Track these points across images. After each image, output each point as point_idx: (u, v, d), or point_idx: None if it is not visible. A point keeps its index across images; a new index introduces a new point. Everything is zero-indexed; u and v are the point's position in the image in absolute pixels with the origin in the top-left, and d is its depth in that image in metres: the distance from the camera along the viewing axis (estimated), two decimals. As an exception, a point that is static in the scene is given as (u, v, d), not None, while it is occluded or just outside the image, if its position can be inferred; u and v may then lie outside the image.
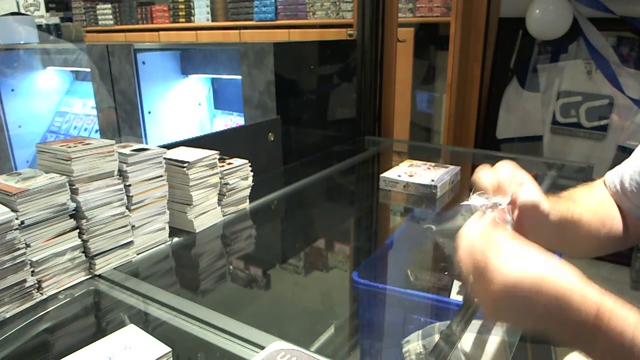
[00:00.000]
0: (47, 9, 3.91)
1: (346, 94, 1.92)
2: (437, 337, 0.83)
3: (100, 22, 4.62)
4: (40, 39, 2.68)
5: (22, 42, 2.62)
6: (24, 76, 2.60)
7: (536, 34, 2.27)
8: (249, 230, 1.20)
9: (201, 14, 3.93)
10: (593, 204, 0.76)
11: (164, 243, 1.02)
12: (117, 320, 0.80)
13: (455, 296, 0.99)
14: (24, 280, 0.78)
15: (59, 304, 0.82)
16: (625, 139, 2.20)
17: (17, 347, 0.72)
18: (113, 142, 0.90)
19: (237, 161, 1.17)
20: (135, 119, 2.05)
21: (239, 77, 1.66)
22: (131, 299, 0.84)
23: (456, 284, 1.02)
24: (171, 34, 4.12)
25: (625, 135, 2.20)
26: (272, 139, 1.52)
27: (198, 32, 3.91)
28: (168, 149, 1.10)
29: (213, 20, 3.88)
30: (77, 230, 0.85)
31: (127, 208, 0.93)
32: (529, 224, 0.65)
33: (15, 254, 0.77)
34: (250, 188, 1.21)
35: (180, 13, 4.04)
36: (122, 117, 2.09)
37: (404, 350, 0.87)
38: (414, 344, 0.86)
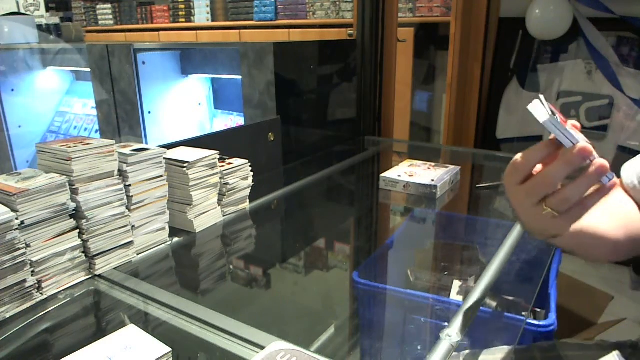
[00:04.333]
0: (47, 9, 3.91)
1: (346, 94, 1.92)
2: None
3: (100, 22, 4.62)
4: (40, 39, 2.68)
5: (22, 42, 2.62)
6: (24, 76, 2.60)
7: (536, 34, 2.27)
8: (249, 230, 1.20)
9: (201, 14, 3.93)
10: (610, 208, 0.68)
11: (164, 243, 1.02)
12: (117, 320, 0.80)
13: (455, 296, 0.99)
14: (24, 280, 0.78)
15: (59, 304, 0.82)
16: (625, 139, 2.19)
17: (17, 347, 0.72)
18: (113, 142, 0.90)
19: (237, 161, 1.17)
20: (135, 119, 2.05)
21: (239, 77, 1.66)
22: (131, 299, 0.84)
23: (456, 284, 1.02)
24: (171, 34, 4.12)
25: (625, 135, 2.19)
26: (272, 139, 1.52)
27: (198, 32, 3.92)
28: (168, 149, 1.10)
29: (213, 20, 3.88)
30: (77, 230, 0.85)
31: (127, 208, 0.93)
32: None
33: (15, 254, 0.77)
34: (250, 188, 1.21)
35: (180, 13, 4.04)
36: (122, 117, 2.09)
37: None
38: None
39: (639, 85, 2.11)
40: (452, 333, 0.68)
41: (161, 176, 0.99)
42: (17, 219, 0.76)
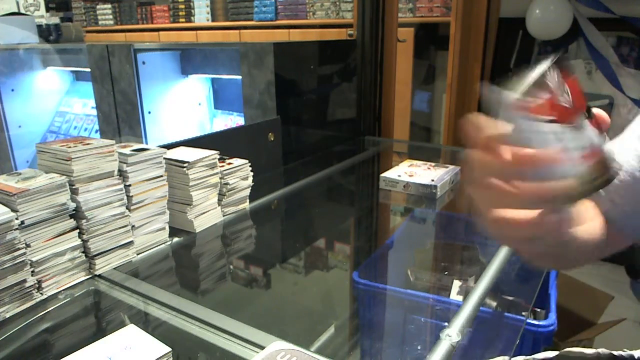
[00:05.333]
0: (47, 9, 3.90)
1: (346, 94, 1.92)
2: None
3: (100, 22, 4.62)
4: (40, 39, 2.68)
5: (22, 42, 2.62)
6: (24, 76, 2.60)
7: (536, 34, 2.27)
8: (249, 230, 1.20)
9: (201, 14, 3.93)
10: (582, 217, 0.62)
11: (164, 243, 1.02)
12: (117, 320, 0.80)
13: (455, 296, 0.99)
14: (24, 280, 0.78)
15: (59, 304, 0.82)
16: (625, 139, 2.20)
17: (17, 347, 0.72)
18: (113, 142, 0.90)
19: (237, 161, 1.17)
20: (135, 119, 2.05)
21: (239, 77, 1.66)
22: (131, 299, 0.84)
23: (456, 284, 1.02)
24: (171, 34, 4.12)
25: (625, 135, 2.20)
26: (272, 139, 1.52)
27: (198, 32, 3.91)
28: (168, 149, 1.10)
29: (213, 20, 3.88)
30: (77, 230, 0.85)
31: (127, 208, 0.93)
32: None
33: (15, 254, 0.76)
34: (250, 188, 1.21)
35: (180, 13, 4.04)
36: (122, 117, 2.09)
37: None
38: None
39: (639, 85, 2.11)
40: (452, 333, 0.68)
41: (161, 176, 0.99)
42: (17, 219, 0.76)
